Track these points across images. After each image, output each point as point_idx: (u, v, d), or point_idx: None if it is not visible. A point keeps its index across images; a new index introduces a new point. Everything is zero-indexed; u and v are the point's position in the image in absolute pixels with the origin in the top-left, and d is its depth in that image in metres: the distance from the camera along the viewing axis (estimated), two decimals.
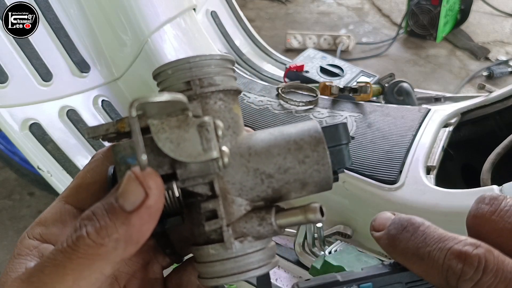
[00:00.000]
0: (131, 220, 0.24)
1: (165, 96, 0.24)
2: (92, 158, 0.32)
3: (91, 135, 0.28)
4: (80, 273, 0.23)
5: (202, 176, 0.27)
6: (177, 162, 0.26)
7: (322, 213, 0.28)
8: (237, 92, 0.31)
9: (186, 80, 0.29)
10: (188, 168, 0.27)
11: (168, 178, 0.27)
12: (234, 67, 0.32)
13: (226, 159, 0.26)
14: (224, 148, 0.26)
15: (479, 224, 0.26)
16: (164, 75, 0.30)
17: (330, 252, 0.71)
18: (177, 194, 0.27)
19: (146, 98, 0.23)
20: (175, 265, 0.36)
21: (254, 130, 0.32)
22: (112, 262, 0.24)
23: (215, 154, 0.26)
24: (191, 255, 0.34)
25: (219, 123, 0.26)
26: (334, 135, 0.29)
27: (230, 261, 0.28)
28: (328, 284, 0.28)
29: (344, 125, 0.30)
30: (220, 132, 0.26)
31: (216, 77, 0.30)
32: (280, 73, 1.37)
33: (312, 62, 1.24)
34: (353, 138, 0.31)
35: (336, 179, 0.30)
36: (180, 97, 0.25)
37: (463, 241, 0.24)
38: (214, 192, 0.28)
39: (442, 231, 0.25)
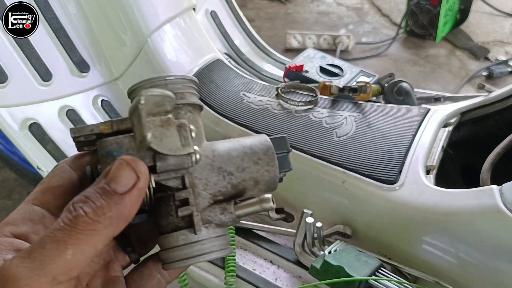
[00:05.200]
0: (123, 200, 0.28)
1: (160, 91, 0.29)
2: (55, 166, 0.36)
3: (76, 134, 0.34)
4: (78, 247, 0.26)
5: (176, 170, 0.32)
6: (157, 155, 0.31)
7: (273, 202, 0.35)
8: (201, 107, 0.37)
9: None
10: (166, 161, 0.31)
11: None
12: (197, 88, 0.38)
13: (198, 155, 0.31)
14: (196, 147, 0.31)
15: None
16: (141, 90, 0.34)
17: (329, 252, 0.71)
18: (153, 184, 0.31)
19: (151, 91, 0.29)
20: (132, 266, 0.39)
21: (254, 130, 0.35)
22: (105, 237, 0.28)
23: (191, 149, 0.31)
24: (149, 254, 0.39)
25: (192, 127, 0.31)
26: (279, 145, 0.37)
27: (197, 244, 0.33)
28: None
29: (285, 138, 0.38)
30: (193, 134, 0.31)
31: (186, 93, 0.36)
32: (280, 73, 1.37)
33: (311, 62, 1.24)
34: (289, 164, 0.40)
35: (281, 180, 0.37)
36: (170, 94, 0.30)
37: None
38: (185, 185, 0.33)
39: None
